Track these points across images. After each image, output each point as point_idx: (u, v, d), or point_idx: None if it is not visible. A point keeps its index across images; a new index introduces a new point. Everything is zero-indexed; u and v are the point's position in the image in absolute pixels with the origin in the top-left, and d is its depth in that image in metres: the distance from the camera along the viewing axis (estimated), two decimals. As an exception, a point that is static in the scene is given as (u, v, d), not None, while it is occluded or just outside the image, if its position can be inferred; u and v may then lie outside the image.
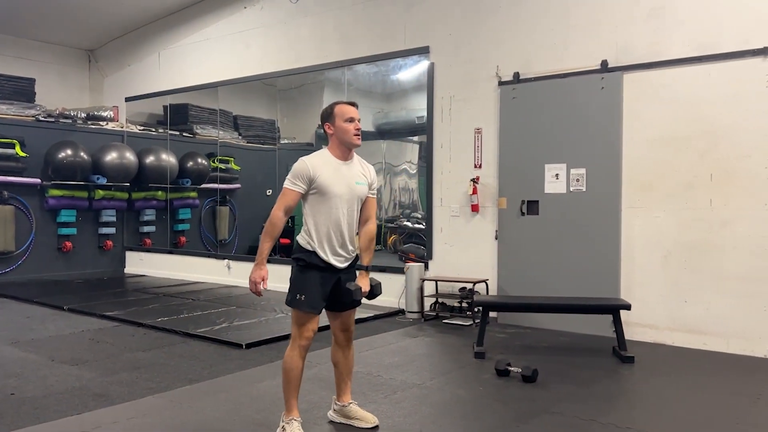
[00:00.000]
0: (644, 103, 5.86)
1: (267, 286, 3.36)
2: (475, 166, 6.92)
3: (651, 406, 4.06)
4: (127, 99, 11.15)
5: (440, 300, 6.94)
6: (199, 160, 10.58)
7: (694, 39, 5.59)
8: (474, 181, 6.84)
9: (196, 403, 4.03)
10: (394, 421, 3.70)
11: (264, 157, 9.78)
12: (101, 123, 10.78)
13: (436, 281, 7.00)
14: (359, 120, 3.45)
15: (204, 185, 10.56)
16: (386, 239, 8.46)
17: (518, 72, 6.59)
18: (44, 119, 9.98)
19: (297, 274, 3.41)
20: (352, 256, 3.51)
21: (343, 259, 3.44)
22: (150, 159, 10.58)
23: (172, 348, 5.51)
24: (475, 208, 6.87)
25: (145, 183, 10.70)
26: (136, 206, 10.81)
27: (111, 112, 10.91)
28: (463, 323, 6.55)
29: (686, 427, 3.69)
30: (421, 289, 7.01)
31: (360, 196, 3.48)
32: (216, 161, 10.25)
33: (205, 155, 10.53)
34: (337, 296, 3.45)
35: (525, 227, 6.50)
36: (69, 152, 9.67)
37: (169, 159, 10.64)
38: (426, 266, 7.27)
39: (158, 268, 10.50)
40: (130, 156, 10.33)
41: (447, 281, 6.94)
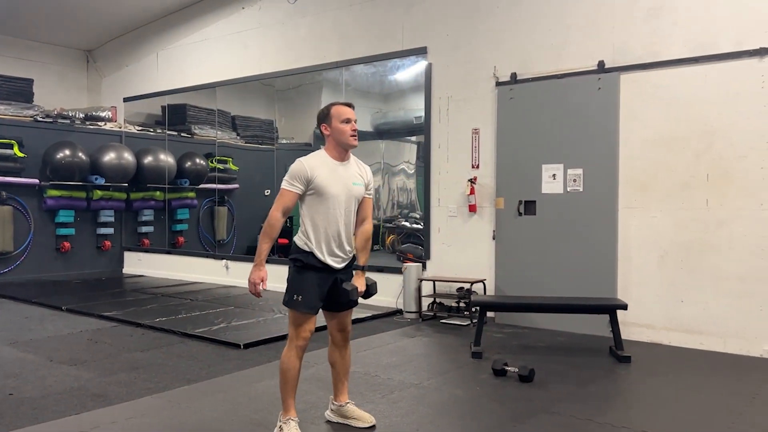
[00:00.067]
0: (641, 104, 5.88)
1: (266, 287, 3.37)
2: (473, 167, 6.93)
3: (647, 406, 4.07)
4: (126, 99, 11.16)
5: (438, 300, 6.96)
6: (198, 161, 10.60)
7: (691, 40, 5.61)
8: (471, 182, 6.86)
9: (194, 403, 4.04)
10: (392, 421, 3.72)
11: (262, 158, 9.79)
12: (99, 123, 10.78)
13: (434, 281, 7.01)
14: (356, 121, 3.46)
15: (202, 185, 10.57)
16: (384, 239, 8.47)
17: (515, 72, 6.60)
18: (42, 120, 9.99)
19: (294, 275, 3.43)
20: (349, 257, 3.52)
21: (340, 260, 3.45)
22: (148, 159, 10.59)
23: (171, 348, 5.52)
24: (473, 209, 6.89)
25: (144, 183, 10.70)
26: (135, 206, 10.81)
27: (109, 113, 10.91)
28: (461, 323, 6.57)
29: (683, 427, 3.70)
30: (419, 289, 7.03)
31: (357, 197, 3.50)
32: (214, 161, 10.27)
33: (204, 155, 10.54)
34: (334, 297, 3.46)
35: (522, 227, 6.52)
36: (67, 152, 9.68)
37: (168, 159, 10.65)
38: (424, 266, 7.28)
39: (156, 269, 10.50)
40: (129, 156, 10.34)
41: (445, 281, 6.95)
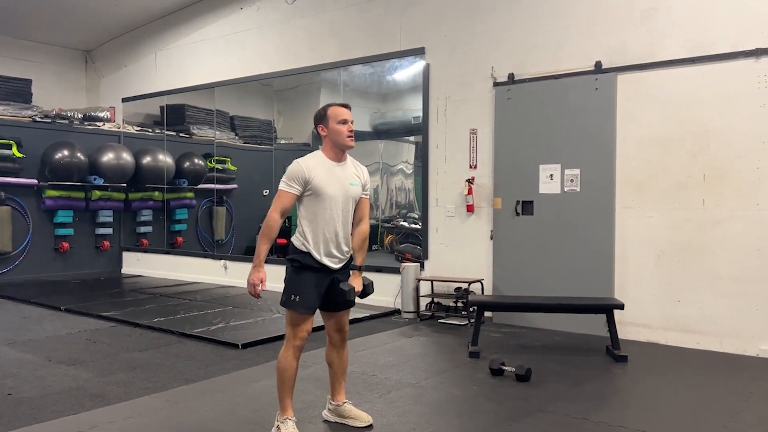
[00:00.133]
0: (638, 104, 5.90)
1: (266, 288, 3.39)
2: (471, 167, 6.95)
3: (644, 405, 4.10)
4: (124, 100, 11.17)
5: (436, 300, 6.97)
6: (196, 161, 10.61)
7: (687, 40, 5.63)
8: (469, 182, 6.88)
9: (193, 403, 4.06)
10: (389, 420, 3.74)
11: (261, 158, 9.80)
12: (98, 124, 10.79)
13: (432, 281, 7.03)
14: (352, 122, 3.48)
15: (201, 185, 10.58)
16: (383, 239, 8.49)
17: (513, 73, 6.62)
18: (41, 120, 9.99)
19: (291, 275, 3.44)
20: (347, 257, 3.53)
21: (338, 260, 3.47)
22: (147, 159, 10.59)
23: (169, 348, 5.53)
24: (471, 209, 6.91)
25: (142, 183, 10.71)
26: (133, 207, 10.82)
27: (108, 113, 10.92)
28: (459, 323, 6.59)
29: (678, 426, 3.72)
30: (417, 289, 7.04)
31: (354, 197, 3.51)
32: (213, 161, 10.28)
33: (202, 156, 10.55)
34: (332, 297, 3.48)
35: (520, 227, 6.54)
36: (66, 153, 9.69)
37: (166, 159, 10.66)
38: (422, 266, 7.30)
39: (155, 269, 10.52)
40: (127, 156, 10.35)
41: (442, 281, 6.97)
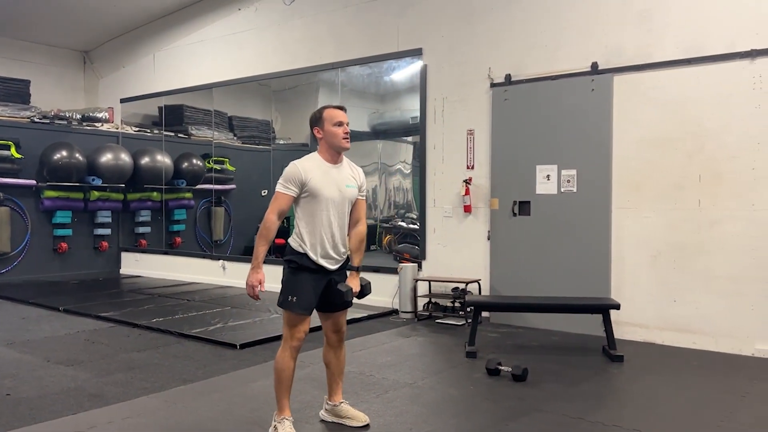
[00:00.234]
0: (634, 105, 5.93)
1: (264, 289, 3.41)
2: (468, 167, 6.97)
3: (639, 405, 4.12)
4: (122, 100, 11.18)
5: (433, 300, 7.00)
6: (194, 161, 10.62)
7: (683, 41, 5.66)
8: (466, 182, 6.90)
9: (191, 403, 4.08)
10: (386, 420, 3.76)
11: (259, 158, 9.83)
12: (96, 124, 10.79)
13: (430, 281, 7.06)
14: (348, 123, 3.50)
15: (199, 186, 10.60)
16: (381, 239, 8.51)
17: (510, 74, 6.64)
18: (39, 121, 10.00)
19: (288, 276, 3.46)
20: (343, 258, 3.55)
21: (334, 261, 3.49)
22: (145, 160, 10.60)
23: (167, 348, 5.55)
24: (468, 209, 6.93)
25: (141, 184, 10.71)
26: (132, 207, 10.83)
27: (106, 114, 10.93)
28: (456, 323, 6.61)
29: (673, 425, 3.75)
30: (415, 290, 7.06)
31: (350, 199, 3.54)
32: (211, 162, 10.30)
33: (200, 156, 10.57)
34: (329, 298, 3.50)
35: (517, 228, 6.56)
36: (64, 153, 9.70)
37: (164, 160, 10.67)
38: (419, 266, 7.32)
39: (153, 269, 10.53)
40: (125, 157, 10.36)
41: (440, 281, 6.99)
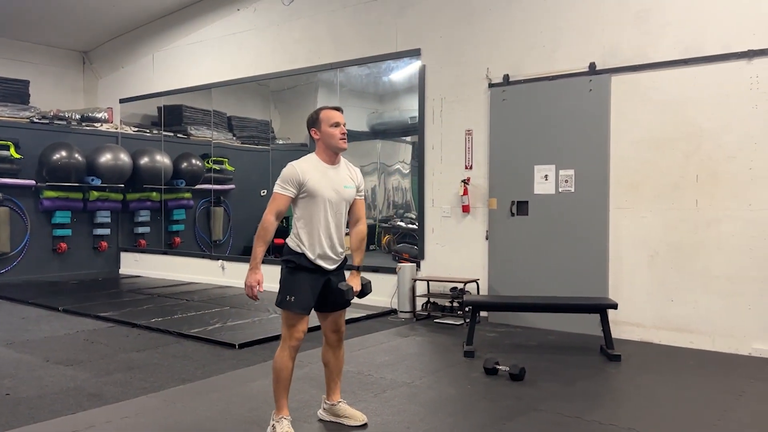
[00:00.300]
0: (631, 105, 5.94)
1: (263, 289, 3.42)
2: (466, 168, 6.99)
3: (636, 404, 4.14)
4: (122, 100, 11.19)
5: (432, 300, 7.01)
6: (194, 161, 10.64)
7: (680, 42, 5.67)
8: (465, 182, 6.91)
9: (189, 403, 4.10)
10: (383, 419, 3.77)
11: (258, 158, 9.84)
12: (95, 124, 10.80)
13: (428, 281, 7.07)
14: (345, 124, 3.52)
15: (198, 186, 10.61)
16: (380, 239, 8.53)
17: (508, 74, 6.66)
18: (39, 121, 10.01)
19: (287, 276, 3.48)
20: (341, 258, 3.57)
21: (332, 261, 3.51)
22: (144, 160, 10.62)
23: (166, 348, 5.57)
24: (466, 209, 6.95)
25: (140, 184, 10.73)
26: (131, 207, 10.84)
27: (105, 114, 10.94)
28: (454, 323, 6.63)
29: (671, 424, 3.76)
30: (413, 289, 7.08)
31: (348, 199, 3.55)
32: (210, 162, 10.31)
33: (200, 156, 10.58)
34: (328, 297, 3.52)
35: (515, 228, 6.58)
36: (63, 154, 9.71)
37: (164, 160, 10.68)
38: (418, 266, 7.34)
39: (153, 269, 10.54)
40: (125, 157, 10.37)
41: (438, 281, 7.01)
